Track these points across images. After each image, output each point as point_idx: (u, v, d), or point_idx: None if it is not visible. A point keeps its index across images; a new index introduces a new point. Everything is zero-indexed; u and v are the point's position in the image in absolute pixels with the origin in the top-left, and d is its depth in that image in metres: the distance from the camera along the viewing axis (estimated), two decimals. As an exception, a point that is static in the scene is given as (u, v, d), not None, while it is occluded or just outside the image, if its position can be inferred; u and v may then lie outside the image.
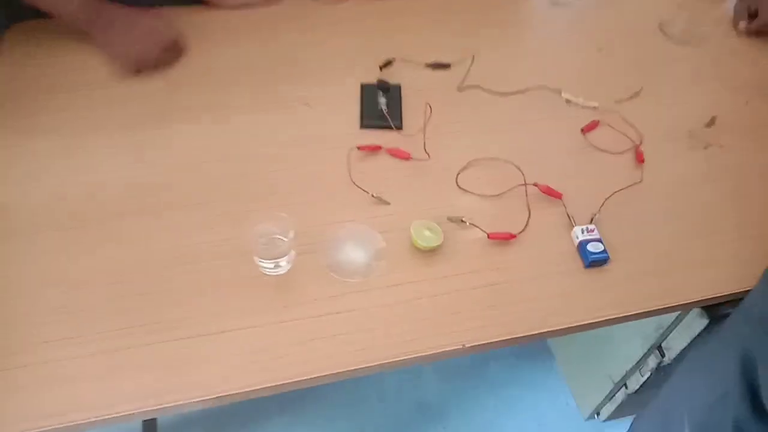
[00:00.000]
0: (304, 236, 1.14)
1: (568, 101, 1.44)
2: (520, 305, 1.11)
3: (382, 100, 1.34)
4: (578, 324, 1.10)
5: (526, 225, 1.21)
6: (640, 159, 1.33)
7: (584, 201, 1.25)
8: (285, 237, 1.07)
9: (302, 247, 1.14)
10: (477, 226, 1.19)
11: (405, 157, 1.29)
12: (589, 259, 1.15)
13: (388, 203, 1.23)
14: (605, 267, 1.17)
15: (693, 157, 1.37)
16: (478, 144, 1.33)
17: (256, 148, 1.29)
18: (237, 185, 1.23)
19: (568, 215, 1.22)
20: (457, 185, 1.27)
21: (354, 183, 1.23)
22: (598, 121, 1.40)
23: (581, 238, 1.18)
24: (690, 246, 1.21)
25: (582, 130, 1.38)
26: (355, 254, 1.15)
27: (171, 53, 1.42)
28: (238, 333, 1.04)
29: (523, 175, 1.25)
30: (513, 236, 1.18)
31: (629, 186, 1.28)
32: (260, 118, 1.34)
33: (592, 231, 1.19)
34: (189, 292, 1.07)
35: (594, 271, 1.16)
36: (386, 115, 1.33)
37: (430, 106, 1.25)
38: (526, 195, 1.24)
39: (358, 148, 1.28)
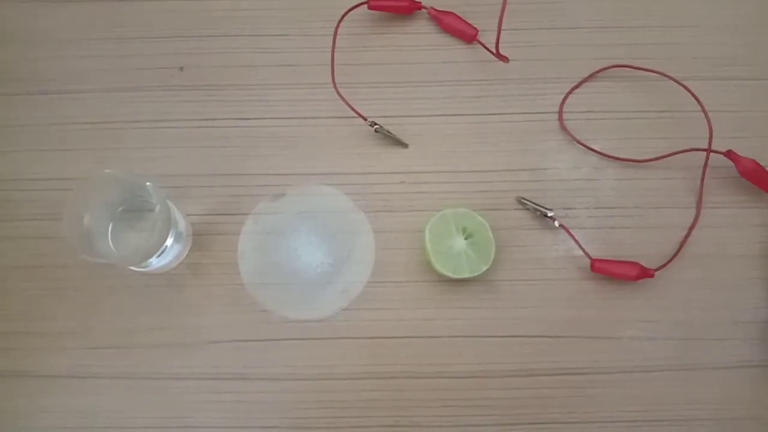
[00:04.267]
0: (212, 201, 0.58)
1: None
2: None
3: None
4: None
5: (683, 245, 0.57)
6: None
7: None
8: (154, 200, 0.50)
9: (206, 224, 0.58)
10: (572, 235, 0.56)
11: (468, 36, 0.61)
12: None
13: (406, 145, 0.60)
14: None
15: None
16: (631, 18, 0.62)
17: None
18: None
19: (783, 241, 0.56)
20: (561, 123, 0.60)
21: (338, 91, 0.59)
22: None
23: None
24: None
25: None
26: (310, 258, 0.57)
27: None
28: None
29: (708, 123, 0.56)
30: (647, 274, 0.55)
31: None
32: None
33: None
34: None
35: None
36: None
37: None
38: (704, 173, 0.57)
39: (369, 4, 0.60)
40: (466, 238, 0.55)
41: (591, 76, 0.60)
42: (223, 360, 0.56)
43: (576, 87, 0.60)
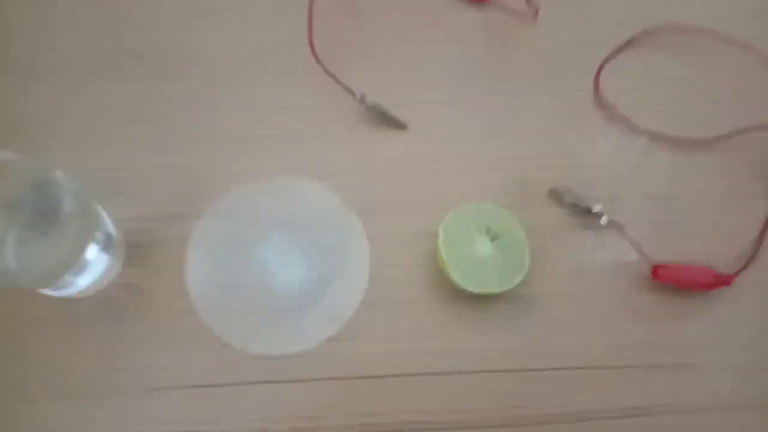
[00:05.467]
0: (153, 200, 0.44)
1: None
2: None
3: None
4: None
5: (760, 244, 0.45)
6: None
7: None
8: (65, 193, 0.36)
9: (145, 231, 0.44)
10: (626, 235, 0.43)
11: (475, -5, 0.50)
12: None
13: (404, 126, 0.47)
14: None
15: None
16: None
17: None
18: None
19: None
20: (598, 97, 0.48)
21: (317, 57, 0.46)
22: None
23: None
24: None
25: None
26: (286, 275, 0.44)
27: None
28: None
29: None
30: (723, 281, 0.43)
31: None
32: None
33: None
34: None
35: None
36: None
37: None
38: (779, 156, 0.46)
39: (355, -44, 0.48)
40: (491, 241, 0.42)
41: (632, 40, 0.49)
42: (167, 414, 0.41)
43: (615, 53, 0.49)
